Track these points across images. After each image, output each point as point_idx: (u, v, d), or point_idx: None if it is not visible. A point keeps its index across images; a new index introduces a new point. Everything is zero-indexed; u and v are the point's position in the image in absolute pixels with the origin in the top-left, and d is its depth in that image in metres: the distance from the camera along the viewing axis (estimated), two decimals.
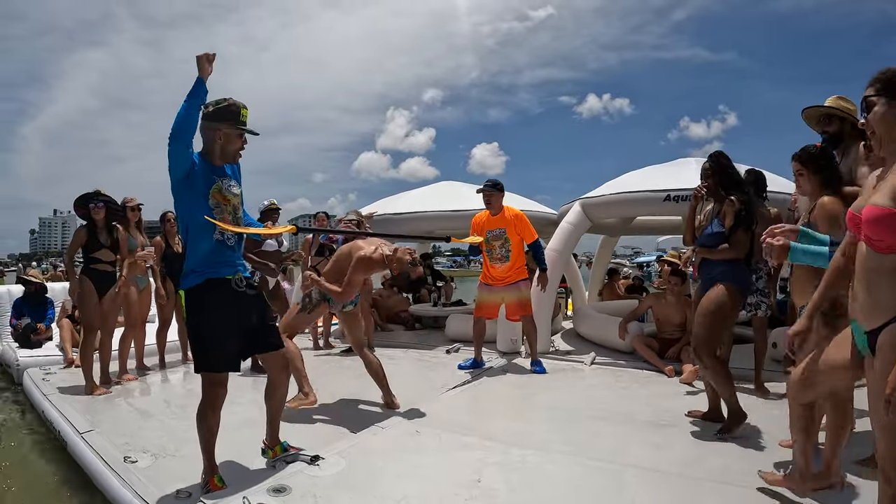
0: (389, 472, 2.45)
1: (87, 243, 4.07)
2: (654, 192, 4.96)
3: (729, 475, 2.38)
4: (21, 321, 5.58)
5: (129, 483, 2.39)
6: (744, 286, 2.99)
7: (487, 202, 4.62)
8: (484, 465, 2.50)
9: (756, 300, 3.94)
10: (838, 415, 2.11)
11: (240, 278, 2.37)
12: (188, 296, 2.29)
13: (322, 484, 2.29)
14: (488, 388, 3.52)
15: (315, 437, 2.79)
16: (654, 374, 4.38)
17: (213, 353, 2.30)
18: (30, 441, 3.57)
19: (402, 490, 2.24)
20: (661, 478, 2.40)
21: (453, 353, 5.26)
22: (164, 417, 3.38)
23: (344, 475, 2.39)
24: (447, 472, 2.42)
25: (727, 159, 3.10)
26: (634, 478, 2.39)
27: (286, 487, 2.23)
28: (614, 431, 2.97)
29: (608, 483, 2.35)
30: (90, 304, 4.02)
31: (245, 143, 2.42)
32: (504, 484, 2.31)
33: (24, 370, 4.67)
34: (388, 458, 2.60)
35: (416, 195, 7.22)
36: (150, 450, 2.75)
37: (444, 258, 39.42)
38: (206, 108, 2.31)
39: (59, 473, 2.99)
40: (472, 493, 2.22)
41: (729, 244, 2.94)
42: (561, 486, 2.33)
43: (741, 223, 2.92)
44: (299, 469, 2.43)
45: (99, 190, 4.18)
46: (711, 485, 2.32)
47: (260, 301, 2.51)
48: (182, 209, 2.31)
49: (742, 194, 2.99)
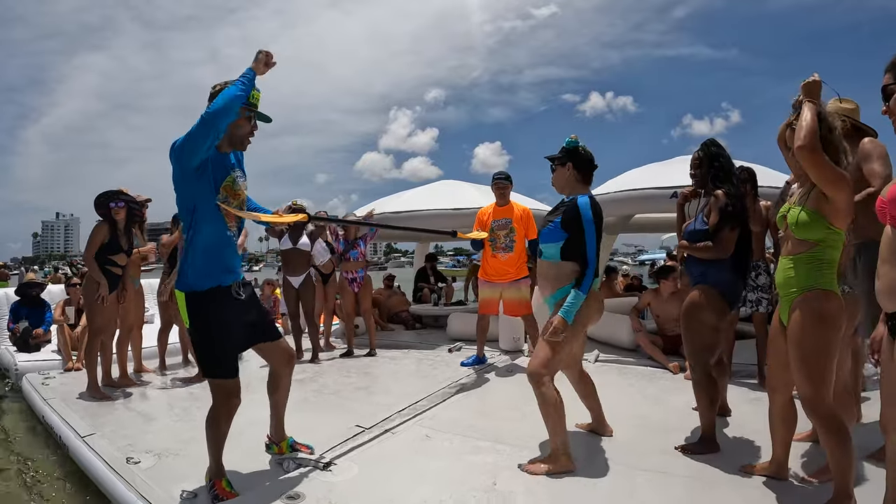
0: (403, 476, 2.41)
1: (106, 244, 3.92)
2: (660, 189, 4.96)
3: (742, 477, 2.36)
4: (19, 325, 5.51)
5: (133, 484, 2.36)
6: (724, 289, 2.68)
7: (501, 194, 4.67)
8: (498, 468, 2.46)
9: (757, 297, 3.91)
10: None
11: (238, 285, 2.27)
12: (189, 300, 2.18)
13: (337, 490, 2.25)
14: (494, 389, 3.49)
15: (322, 439, 2.75)
16: (660, 370, 4.36)
17: (222, 359, 2.22)
18: (29, 446, 3.52)
19: (418, 495, 2.21)
20: (675, 480, 2.37)
21: (455, 352, 5.23)
22: (168, 419, 3.35)
23: (358, 481, 2.35)
24: (462, 477, 2.38)
25: (718, 147, 2.82)
26: (647, 480, 2.36)
27: (300, 494, 2.19)
28: (626, 431, 2.93)
29: (623, 485, 2.32)
30: (107, 306, 3.94)
31: (255, 130, 2.29)
32: (521, 486, 2.28)
33: (23, 375, 4.61)
34: (400, 463, 2.56)
35: (415, 194, 7.19)
36: (153, 451, 2.71)
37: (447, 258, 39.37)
38: (213, 88, 2.20)
39: (61, 478, 2.95)
40: (490, 497, 2.19)
41: (712, 242, 2.68)
42: (577, 488, 2.30)
43: (727, 221, 2.65)
44: (312, 475, 2.38)
45: (122, 189, 4.05)
46: (727, 485, 2.30)
47: (255, 298, 2.43)
48: (187, 201, 2.17)
49: (732, 187, 2.71)
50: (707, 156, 2.81)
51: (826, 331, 1.98)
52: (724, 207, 2.66)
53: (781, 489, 2.22)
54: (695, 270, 2.81)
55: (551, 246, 2.59)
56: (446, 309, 6.91)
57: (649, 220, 7.26)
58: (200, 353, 2.28)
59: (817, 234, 1.99)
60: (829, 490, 2.02)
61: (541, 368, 2.43)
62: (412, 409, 3.31)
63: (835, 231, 2.00)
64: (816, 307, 1.99)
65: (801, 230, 2.01)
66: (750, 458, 2.52)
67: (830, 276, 2.03)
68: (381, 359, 5.14)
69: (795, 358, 2.02)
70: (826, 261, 2.02)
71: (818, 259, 2.01)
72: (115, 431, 3.09)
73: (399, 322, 7.21)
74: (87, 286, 3.98)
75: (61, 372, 4.74)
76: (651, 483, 2.33)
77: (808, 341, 1.99)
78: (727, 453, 2.58)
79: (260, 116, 2.28)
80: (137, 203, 4.12)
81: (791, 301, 2.06)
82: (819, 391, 1.97)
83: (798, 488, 2.23)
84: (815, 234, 2.00)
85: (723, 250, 2.68)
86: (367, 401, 3.60)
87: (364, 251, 5.47)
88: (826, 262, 2.02)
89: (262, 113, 2.28)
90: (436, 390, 3.63)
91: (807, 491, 2.21)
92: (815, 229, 1.99)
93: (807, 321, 1.99)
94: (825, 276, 2.01)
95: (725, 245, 2.67)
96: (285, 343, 2.48)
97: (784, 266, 2.11)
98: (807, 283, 2.02)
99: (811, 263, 2.01)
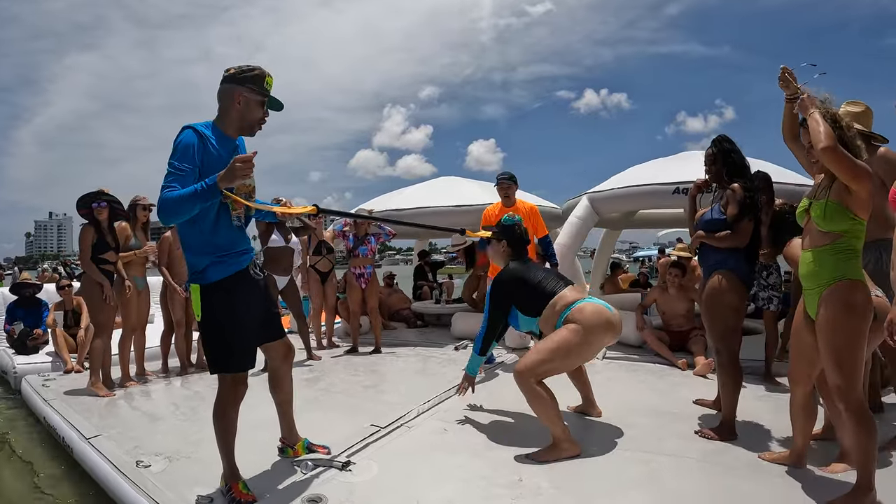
0: (425, 474, 2.36)
1: (95, 244, 3.93)
2: (663, 185, 4.93)
3: (762, 464, 2.39)
4: (14, 326, 5.40)
5: (144, 489, 2.27)
6: (743, 275, 2.81)
7: (505, 195, 4.61)
8: (521, 462, 2.43)
9: (768, 295, 3.91)
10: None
11: (254, 264, 2.24)
12: (207, 291, 2.10)
13: (359, 491, 2.19)
14: (505, 385, 3.45)
15: (338, 439, 2.70)
16: (668, 367, 4.35)
17: (239, 352, 2.16)
18: (30, 448, 3.45)
19: (443, 493, 2.16)
20: (699, 466, 2.38)
21: (462, 350, 5.19)
22: (174, 420, 3.28)
23: (379, 480, 2.30)
24: (485, 473, 2.34)
25: (731, 143, 2.94)
26: (672, 469, 2.35)
27: (322, 497, 2.12)
28: (644, 423, 2.92)
29: (648, 474, 2.31)
30: (107, 305, 3.94)
31: (266, 117, 2.20)
32: (547, 482, 2.24)
33: (23, 377, 4.52)
34: (420, 460, 2.51)
35: (415, 191, 7.12)
36: (163, 453, 2.63)
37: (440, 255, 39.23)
38: (227, 71, 2.13)
39: (63, 481, 2.89)
40: (517, 493, 2.15)
41: (732, 232, 2.79)
42: (603, 480, 2.28)
43: (746, 212, 2.78)
44: (332, 476, 2.32)
45: (103, 189, 4.05)
46: (746, 470, 2.33)
47: (268, 286, 2.37)
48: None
49: (746, 181, 2.85)
50: (721, 152, 2.93)
51: (856, 321, 2.00)
52: (743, 200, 2.79)
53: (802, 477, 2.23)
54: (711, 259, 2.89)
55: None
56: (449, 307, 6.86)
57: (648, 216, 7.27)
58: (212, 345, 2.18)
59: (842, 226, 2.03)
60: (847, 480, 2.06)
61: (525, 371, 2.57)
62: (425, 406, 3.27)
63: (859, 221, 2.03)
64: (846, 298, 2.01)
65: (827, 223, 2.04)
66: (765, 447, 2.56)
67: (857, 265, 2.06)
68: (386, 357, 5.09)
69: (827, 351, 2.03)
70: (852, 250, 2.05)
71: (844, 249, 2.04)
72: (122, 433, 3.01)
73: (400, 320, 7.17)
74: (88, 287, 3.97)
75: (61, 374, 4.65)
76: (672, 469, 2.35)
77: (840, 333, 2.00)
78: (743, 441, 2.62)
79: (272, 102, 2.20)
80: (120, 203, 4.12)
81: (819, 294, 2.07)
82: (851, 382, 1.99)
83: (818, 477, 2.25)
84: (840, 225, 2.03)
85: (741, 239, 2.80)
86: (379, 399, 3.55)
87: (374, 248, 5.42)
88: (852, 251, 2.05)
89: (275, 98, 2.19)
90: (446, 388, 3.58)
91: (826, 480, 2.21)
92: (840, 221, 2.02)
93: (838, 313, 2.01)
94: (852, 266, 2.04)
95: (744, 235, 2.80)
96: (286, 339, 2.42)
97: (808, 259, 2.13)
98: (835, 274, 2.03)
99: (838, 254, 2.04)
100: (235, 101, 2.11)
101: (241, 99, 2.11)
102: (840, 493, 2.01)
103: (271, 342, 2.35)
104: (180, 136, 2.03)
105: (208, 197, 1.92)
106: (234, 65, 2.13)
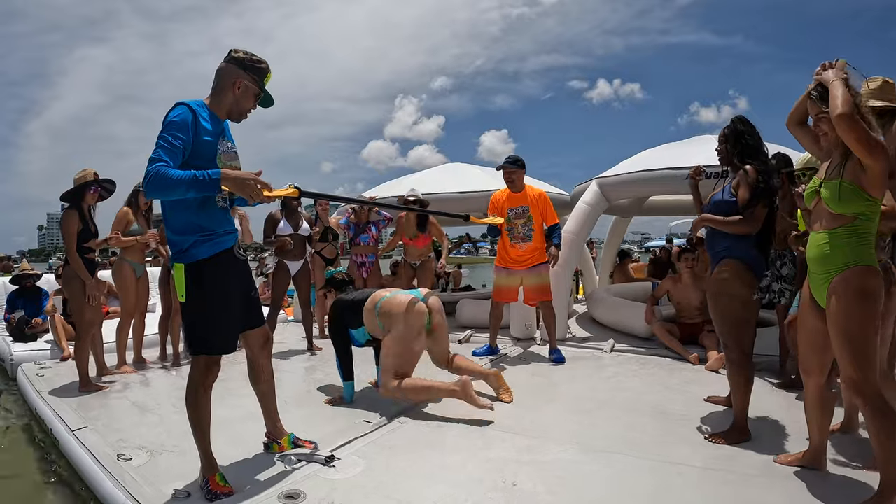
0: (413, 474, 2.22)
1: (80, 232, 3.72)
2: (674, 170, 4.70)
3: (776, 467, 2.24)
4: (14, 314, 5.39)
5: (122, 482, 2.20)
6: (752, 263, 2.61)
7: (509, 179, 4.41)
8: (517, 464, 2.28)
9: (780, 287, 3.70)
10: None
11: (239, 244, 2.21)
12: (192, 269, 2.05)
13: (341, 489, 2.07)
14: (508, 378, 3.31)
15: (326, 432, 2.59)
16: (678, 361, 4.18)
17: (221, 333, 2.12)
18: (24, 439, 3.38)
19: (430, 496, 2.02)
20: (707, 475, 2.20)
21: (465, 343, 5.05)
22: (163, 412, 3.18)
23: (363, 478, 2.17)
24: (478, 474, 2.20)
25: (745, 124, 2.72)
26: (679, 476, 2.18)
27: (300, 493, 2.01)
28: (649, 424, 2.77)
29: (651, 480, 2.15)
30: (89, 305, 3.76)
31: (254, 108, 2.21)
32: (542, 486, 2.09)
33: (19, 365, 4.47)
34: (410, 458, 2.37)
35: (420, 177, 6.94)
36: (146, 447, 2.56)
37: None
38: (234, 52, 2.13)
39: (53, 473, 2.81)
40: (510, 498, 2.00)
41: (742, 217, 2.59)
42: (603, 486, 2.12)
43: (760, 196, 2.57)
44: (313, 471, 2.21)
45: (94, 171, 3.85)
46: (763, 478, 2.15)
47: (250, 271, 2.35)
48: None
49: (760, 164, 2.63)
50: (733, 132, 2.73)
51: (869, 308, 1.88)
52: (756, 184, 2.59)
53: (821, 481, 2.07)
54: (718, 246, 2.69)
55: None
56: (455, 295, 6.71)
57: (660, 202, 7.04)
58: (196, 324, 2.13)
59: (857, 207, 1.89)
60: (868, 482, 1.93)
61: (385, 379, 2.92)
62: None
63: (874, 202, 1.89)
64: (859, 284, 1.87)
65: (840, 204, 1.90)
66: (781, 448, 2.39)
67: (871, 250, 1.92)
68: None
69: (840, 341, 1.90)
70: (867, 234, 1.91)
71: (859, 232, 1.90)
72: (107, 425, 2.93)
73: None
74: (70, 283, 3.78)
75: (57, 362, 4.60)
76: (678, 476, 2.18)
77: (854, 322, 1.87)
78: (756, 443, 2.46)
79: (266, 98, 2.21)
80: (110, 181, 3.96)
81: (828, 280, 1.93)
82: (866, 372, 1.87)
83: (839, 479, 2.10)
84: (854, 206, 1.89)
85: (753, 225, 2.60)
86: (375, 393, 3.42)
87: (376, 235, 5.29)
88: (867, 234, 1.91)
89: (269, 95, 2.20)
90: (449, 379, 3.44)
91: (849, 482, 2.06)
92: (855, 202, 1.89)
93: (851, 301, 1.89)
94: (866, 250, 1.91)
95: (756, 221, 2.60)
96: (266, 328, 2.38)
97: (818, 241, 1.98)
98: (849, 259, 1.90)
99: (852, 237, 1.90)
100: (235, 86, 2.12)
101: (241, 85, 2.13)
102: (862, 498, 1.87)
103: (251, 330, 2.32)
104: (175, 111, 2.02)
105: (206, 189, 1.93)
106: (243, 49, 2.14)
